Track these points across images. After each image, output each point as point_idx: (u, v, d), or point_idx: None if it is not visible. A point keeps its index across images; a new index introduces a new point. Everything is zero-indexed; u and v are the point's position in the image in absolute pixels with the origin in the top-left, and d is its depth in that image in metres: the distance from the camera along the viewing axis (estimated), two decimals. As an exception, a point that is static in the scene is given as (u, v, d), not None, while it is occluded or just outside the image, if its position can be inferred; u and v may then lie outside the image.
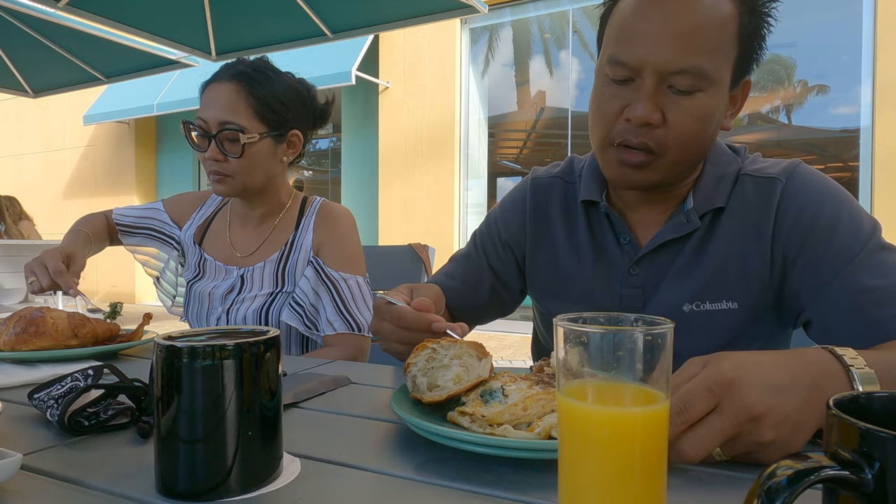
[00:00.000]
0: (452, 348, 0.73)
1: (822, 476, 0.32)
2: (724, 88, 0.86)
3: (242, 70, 1.33)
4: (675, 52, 0.81)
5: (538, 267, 1.09)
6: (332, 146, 9.34)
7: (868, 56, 5.20)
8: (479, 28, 7.10)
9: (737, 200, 0.93)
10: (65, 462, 0.60)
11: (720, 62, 0.83)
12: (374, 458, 0.61)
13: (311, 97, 1.43)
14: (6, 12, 3.97)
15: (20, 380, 0.91)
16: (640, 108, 0.84)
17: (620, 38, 0.86)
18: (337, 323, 1.33)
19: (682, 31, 0.81)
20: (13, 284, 4.51)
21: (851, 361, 0.61)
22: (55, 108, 9.30)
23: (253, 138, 1.30)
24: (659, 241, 0.95)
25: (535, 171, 1.15)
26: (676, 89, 0.83)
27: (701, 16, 0.82)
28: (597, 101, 0.90)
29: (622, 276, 0.99)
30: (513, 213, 1.12)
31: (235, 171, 1.32)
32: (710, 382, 0.54)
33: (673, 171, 0.90)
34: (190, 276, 1.49)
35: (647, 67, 0.83)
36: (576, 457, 0.42)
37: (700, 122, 0.85)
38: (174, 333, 0.56)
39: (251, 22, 3.94)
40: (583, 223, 1.04)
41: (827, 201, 0.89)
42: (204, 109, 1.31)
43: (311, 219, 1.43)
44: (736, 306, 0.92)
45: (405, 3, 3.68)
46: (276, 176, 1.40)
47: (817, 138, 5.84)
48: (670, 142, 0.85)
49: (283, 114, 1.34)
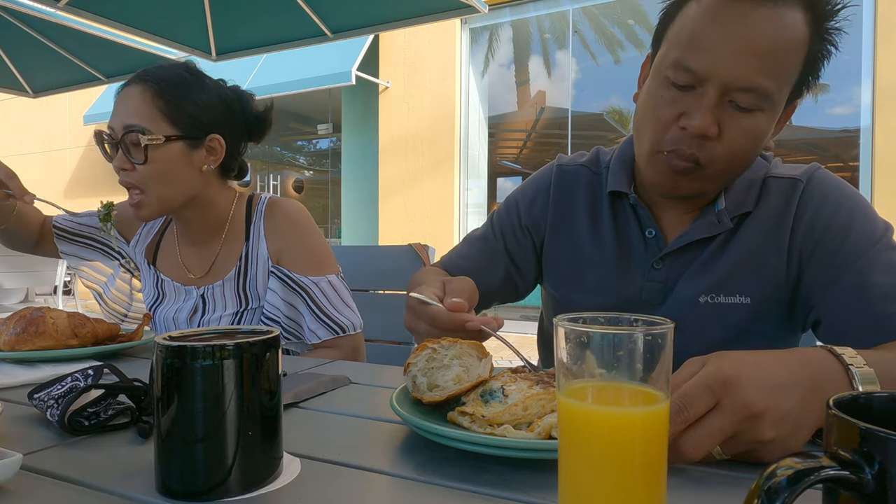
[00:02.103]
0: (452, 348, 0.73)
1: (822, 476, 0.32)
2: (778, 110, 0.85)
3: (152, 72, 1.24)
4: (748, 68, 0.79)
5: (557, 254, 1.08)
6: (332, 146, 9.33)
7: (868, 56, 5.19)
8: (479, 28, 7.10)
9: (762, 203, 0.94)
10: (65, 462, 0.60)
11: (784, 86, 0.83)
12: (374, 458, 0.61)
13: (241, 103, 1.32)
14: (6, 12, 3.97)
15: (20, 380, 0.91)
16: (699, 119, 0.82)
17: (692, 43, 0.82)
18: (320, 331, 1.28)
19: (760, 48, 0.79)
20: (13, 284, 4.51)
21: (850, 360, 0.61)
22: (55, 108, 9.30)
23: (157, 140, 1.19)
24: (688, 240, 0.95)
25: (561, 158, 1.14)
26: (737, 105, 0.82)
27: (780, 36, 0.79)
28: (652, 104, 0.88)
29: (645, 270, 0.99)
30: (535, 197, 1.11)
31: (145, 181, 1.20)
32: (709, 381, 0.54)
33: (716, 184, 0.90)
34: (150, 300, 1.40)
35: (715, 79, 0.80)
36: (576, 457, 0.42)
37: (753, 140, 0.85)
38: (174, 333, 0.56)
39: (251, 22, 3.94)
40: (608, 214, 1.03)
41: (843, 203, 0.90)
42: (112, 116, 1.22)
43: (261, 225, 1.32)
44: (749, 301, 0.93)
45: (405, 3, 3.68)
46: (201, 188, 1.28)
47: (817, 138, 5.84)
48: (721, 156, 0.84)
49: (196, 116, 1.23)
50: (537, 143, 7.54)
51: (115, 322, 1.36)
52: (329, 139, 9.37)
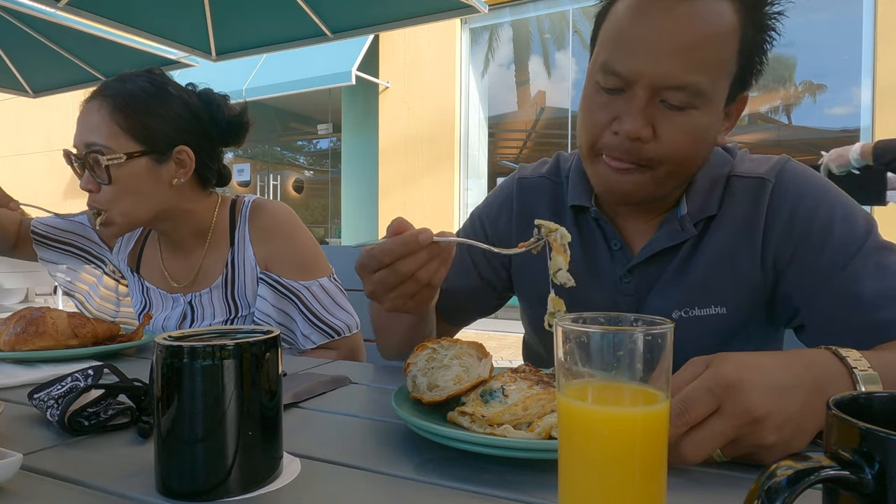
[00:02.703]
0: (452, 348, 0.73)
1: (822, 476, 0.32)
2: (718, 105, 0.82)
3: (110, 85, 1.18)
4: (675, 66, 0.76)
5: (526, 271, 1.04)
6: (332, 146, 9.34)
7: (868, 56, 5.20)
8: (479, 28, 7.10)
9: (727, 205, 0.90)
10: (65, 462, 0.60)
11: (718, 79, 0.79)
12: (374, 458, 0.61)
13: (211, 111, 1.25)
14: (6, 12, 3.97)
15: (20, 380, 0.91)
16: (630, 122, 0.79)
17: (616, 45, 0.80)
18: (313, 336, 1.25)
19: (685, 44, 0.76)
20: (13, 284, 4.51)
21: (855, 363, 0.60)
22: (55, 108, 9.30)
23: (118, 159, 1.12)
24: (653, 250, 0.92)
25: (522, 169, 1.09)
26: (669, 104, 0.79)
27: (705, 29, 0.76)
28: (586, 107, 0.86)
29: (614, 284, 0.95)
30: (499, 213, 1.07)
31: (109, 202, 1.15)
32: (711, 384, 0.54)
33: (663, 187, 0.86)
34: (138, 308, 1.37)
35: (643, 80, 0.78)
36: (576, 457, 0.42)
37: (692, 138, 0.81)
38: (174, 333, 0.56)
39: (251, 22, 3.94)
40: (572, 227, 0.99)
41: (820, 201, 0.85)
42: (75, 135, 1.17)
43: (245, 229, 1.27)
44: (725, 311, 0.90)
45: (405, 3, 3.68)
46: (172, 202, 1.22)
47: (817, 138, 5.84)
48: (661, 157, 0.82)
49: (159, 129, 1.17)
50: (537, 143, 7.54)
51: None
52: (329, 139, 9.37)
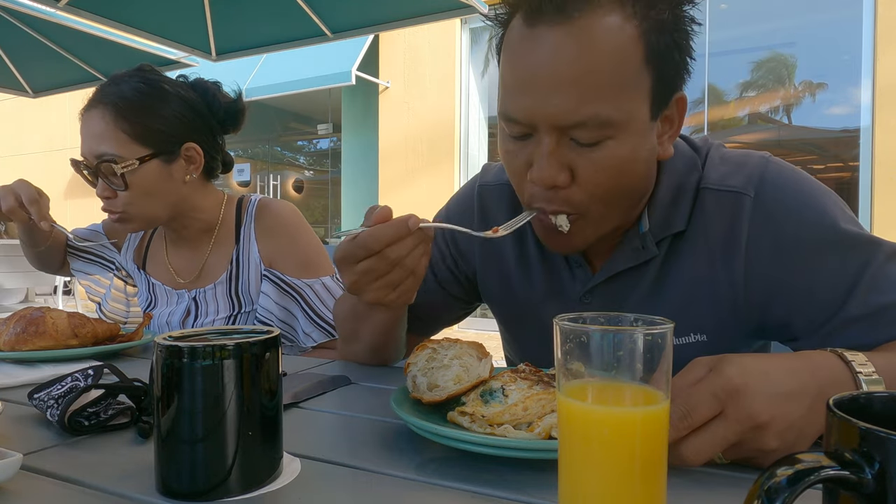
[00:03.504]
0: (452, 348, 0.73)
1: (822, 476, 0.32)
2: (640, 126, 0.72)
3: (109, 91, 1.19)
4: (566, 102, 0.68)
5: (491, 288, 1.00)
6: (332, 146, 9.33)
7: (868, 56, 5.19)
8: (479, 28, 7.10)
9: (698, 221, 0.81)
10: (65, 462, 0.60)
11: (626, 102, 0.69)
12: (374, 458, 0.61)
13: (207, 101, 1.26)
14: (6, 12, 3.97)
15: (20, 380, 0.91)
16: (541, 170, 0.72)
17: (507, 90, 0.73)
18: (315, 334, 1.27)
19: (571, 76, 0.67)
20: (13, 284, 4.51)
21: (860, 368, 0.60)
22: (55, 108, 9.30)
23: (132, 165, 1.15)
24: (612, 271, 0.85)
25: (486, 171, 1.02)
26: (579, 142, 0.71)
27: (592, 54, 0.67)
28: (502, 156, 0.79)
29: (575, 306, 0.89)
30: (461, 223, 1.01)
31: (128, 205, 1.19)
32: (715, 388, 0.54)
33: (605, 226, 0.79)
34: (143, 303, 1.40)
35: (540, 123, 0.70)
36: (576, 457, 0.42)
37: (616, 173, 0.72)
38: (174, 333, 0.56)
39: (251, 22, 3.94)
40: (532, 242, 0.93)
41: (808, 215, 0.76)
42: (81, 145, 1.18)
43: (251, 227, 1.29)
44: (706, 339, 0.83)
45: (405, 3, 3.68)
46: (186, 197, 1.25)
47: (817, 138, 5.84)
48: (586, 200, 0.74)
49: (165, 130, 1.19)
50: (537, 143, 7.54)
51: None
52: (329, 139, 9.37)
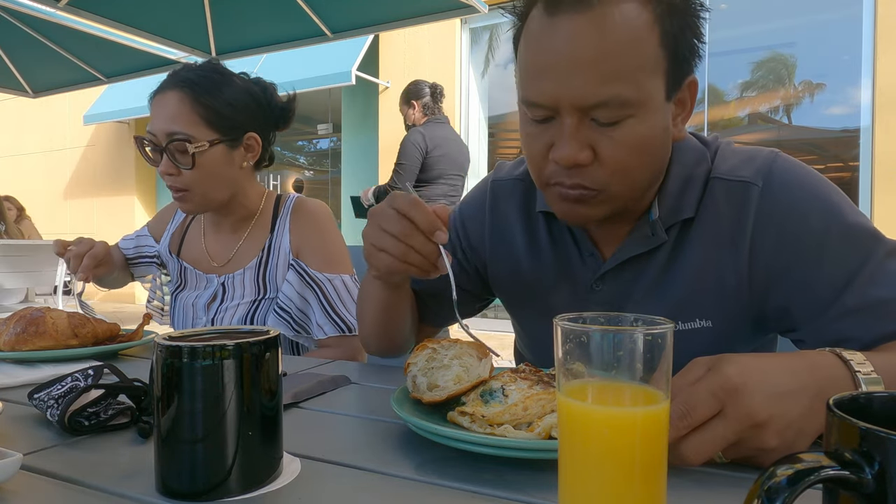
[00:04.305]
0: (452, 348, 0.73)
1: (822, 476, 0.32)
2: (658, 105, 0.76)
3: (186, 77, 1.27)
4: (588, 84, 0.72)
5: (501, 278, 1.02)
6: (332, 146, 9.33)
7: (868, 56, 5.19)
8: (479, 28, 7.10)
9: (707, 209, 0.84)
10: (65, 462, 0.60)
11: (645, 81, 0.73)
12: (374, 458, 0.61)
13: (267, 97, 1.36)
14: (6, 12, 3.97)
15: (20, 380, 0.91)
16: (564, 149, 0.75)
17: (528, 76, 0.77)
18: (327, 326, 1.31)
19: (591, 58, 0.71)
20: (13, 284, 4.51)
21: (858, 367, 0.60)
22: (55, 108, 9.30)
23: (202, 147, 1.24)
24: (623, 257, 0.87)
25: (499, 169, 1.06)
26: (600, 122, 0.74)
27: (611, 37, 0.71)
28: (523, 140, 0.82)
29: (586, 293, 0.91)
30: (472, 219, 1.04)
31: (191, 184, 1.27)
32: (714, 387, 0.54)
33: (621, 201, 0.81)
34: (173, 286, 1.47)
35: (562, 104, 0.74)
36: (576, 457, 0.42)
37: (636, 150, 0.76)
38: (174, 333, 0.56)
39: (251, 22, 3.94)
40: (543, 232, 0.96)
41: (813, 207, 0.79)
42: (152, 122, 1.26)
43: (286, 220, 1.38)
44: (711, 325, 0.85)
45: (405, 3, 3.68)
46: (240, 183, 1.35)
47: (817, 138, 5.84)
48: (607, 177, 0.77)
49: (233, 118, 1.28)
50: (537, 143, 7.54)
51: (156, 316, 1.55)
52: (329, 139, 9.36)
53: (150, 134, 1.25)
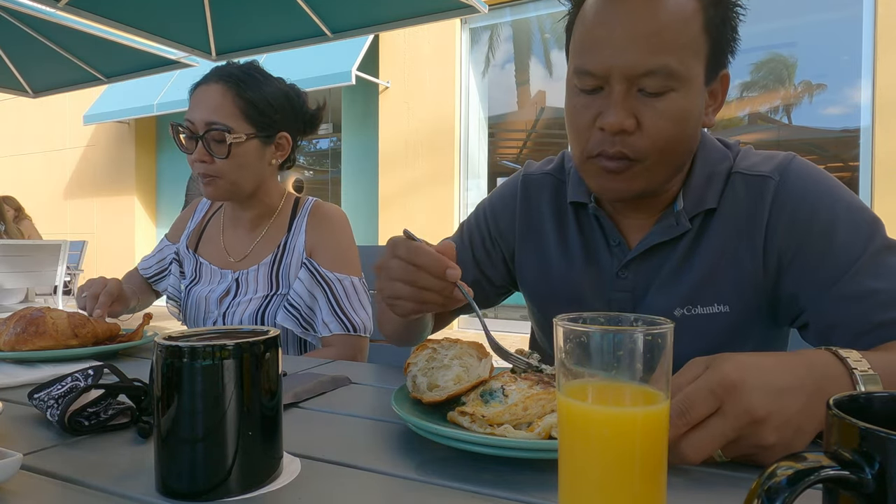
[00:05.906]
0: (453, 348, 0.73)
1: (822, 476, 0.32)
2: (698, 86, 0.83)
3: (230, 72, 1.34)
4: (640, 53, 0.79)
5: (527, 267, 1.07)
6: (332, 146, 9.33)
7: (868, 56, 5.19)
8: (479, 28, 7.10)
9: (728, 201, 0.91)
10: (65, 462, 0.60)
11: (689, 59, 0.81)
12: (374, 458, 0.61)
13: (300, 101, 1.44)
14: (6, 12, 3.97)
15: (20, 380, 0.91)
16: (612, 115, 0.81)
17: (584, 48, 0.84)
18: (332, 324, 1.34)
19: (645, 31, 0.79)
20: (13, 284, 4.51)
21: (855, 364, 0.60)
22: (55, 108, 9.30)
23: (239, 138, 1.31)
24: (648, 244, 0.93)
25: (529, 165, 1.12)
26: (647, 92, 0.81)
27: (662, 15, 0.80)
28: (570, 113, 0.88)
29: (611, 280, 0.97)
30: (503, 208, 1.10)
31: (223, 172, 1.32)
32: (712, 385, 0.54)
33: (656, 177, 0.87)
34: (187, 280, 1.50)
35: (614, 73, 0.81)
36: (576, 457, 0.42)
37: (676, 122, 0.83)
38: (174, 333, 0.56)
39: (251, 22, 3.94)
40: (573, 224, 1.01)
41: (824, 200, 0.85)
42: (191, 111, 1.32)
43: (304, 220, 1.43)
44: (728, 309, 0.90)
45: (405, 3, 3.68)
46: (265, 178, 1.41)
47: (817, 138, 5.84)
48: (648, 146, 0.83)
49: (270, 115, 1.35)
50: (537, 143, 7.54)
51: (174, 311, 1.56)
52: (329, 139, 9.36)
53: (188, 122, 1.31)
